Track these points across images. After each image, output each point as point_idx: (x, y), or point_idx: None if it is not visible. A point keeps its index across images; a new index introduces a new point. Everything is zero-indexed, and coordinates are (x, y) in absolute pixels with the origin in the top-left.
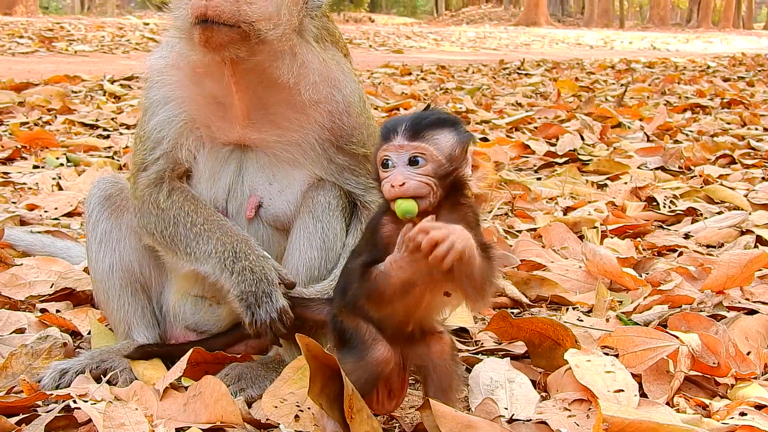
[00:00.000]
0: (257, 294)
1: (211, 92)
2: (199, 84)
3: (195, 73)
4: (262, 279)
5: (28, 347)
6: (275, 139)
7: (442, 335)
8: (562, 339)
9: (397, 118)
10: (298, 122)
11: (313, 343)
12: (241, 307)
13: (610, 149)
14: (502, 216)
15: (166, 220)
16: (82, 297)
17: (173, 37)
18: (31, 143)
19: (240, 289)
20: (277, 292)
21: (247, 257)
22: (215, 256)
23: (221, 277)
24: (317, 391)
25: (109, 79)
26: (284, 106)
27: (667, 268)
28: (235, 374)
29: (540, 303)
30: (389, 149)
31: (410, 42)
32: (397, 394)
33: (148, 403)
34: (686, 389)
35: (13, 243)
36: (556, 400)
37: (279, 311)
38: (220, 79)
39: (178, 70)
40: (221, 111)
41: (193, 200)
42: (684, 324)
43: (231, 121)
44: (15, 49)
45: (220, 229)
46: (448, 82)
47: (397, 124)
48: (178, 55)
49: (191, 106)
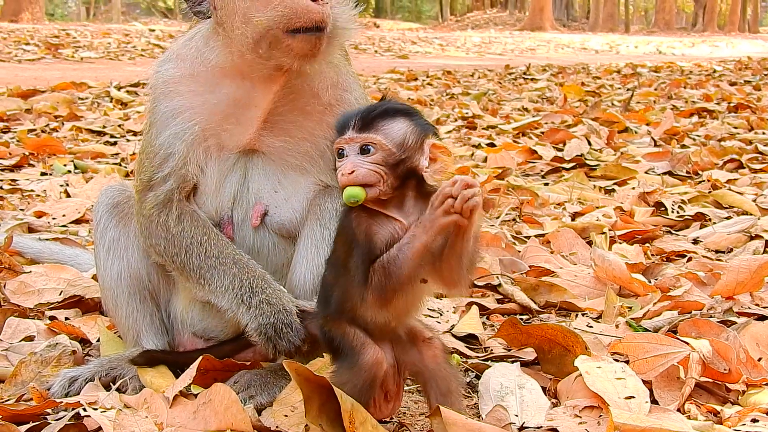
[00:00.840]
0: (276, 326)
1: (234, 95)
2: (218, 90)
3: (218, 78)
4: (281, 310)
5: (37, 355)
6: (285, 146)
7: (431, 340)
8: (572, 345)
9: (351, 111)
10: (310, 129)
11: (301, 367)
12: (261, 340)
13: (617, 154)
14: (510, 222)
15: (177, 246)
16: (90, 304)
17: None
18: (39, 150)
19: (258, 322)
20: (296, 321)
21: (264, 291)
22: (232, 292)
23: (238, 311)
24: (315, 413)
25: (116, 85)
26: (301, 113)
27: (676, 273)
28: (245, 382)
29: (549, 309)
30: (342, 141)
31: (415, 47)
32: (394, 397)
33: (158, 410)
34: (697, 396)
35: (22, 250)
36: (567, 407)
37: (301, 339)
38: (258, 83)
39: (191, 79)
40: (238, 115)
41: (204, 227)
42: (694, 330)
43: (246, 126)
44: (21, 56)
45: (236, 264)
46: (454, 87)
47: (350, 117)
48: (197, 62)
49: (203, 116)
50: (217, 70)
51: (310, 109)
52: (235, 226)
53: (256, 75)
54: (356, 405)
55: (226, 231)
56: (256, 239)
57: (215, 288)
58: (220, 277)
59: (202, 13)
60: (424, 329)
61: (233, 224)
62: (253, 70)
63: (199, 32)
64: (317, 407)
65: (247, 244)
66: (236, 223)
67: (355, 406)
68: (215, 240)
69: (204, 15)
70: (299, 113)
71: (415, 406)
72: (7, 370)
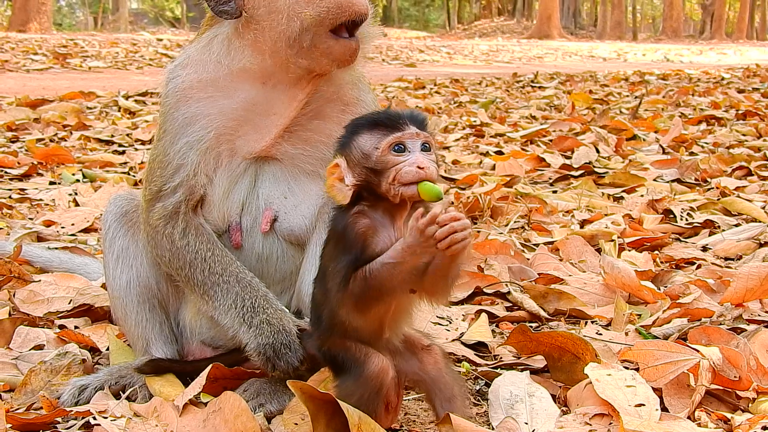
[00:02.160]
0: (275, 346)
1: (253, 100)
2: (236, 95)
3: (237, 82)
4: (280, 330)
5: (47, 364)
6: (300, 153)
7: (430, 347)
8: (581, 353)
9: (394, 111)
10: (328, 132)
11: (305, 385)
12: (260, 360)
13: (625, 162)
14: (519, 230)
15: (182, 259)
16: (100, 313)
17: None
18: (47, 159)
19: (257, 342)
20: (295, 342)
21: (265, 311)
22: (234, 310)
23: (239, 330)
24: (323, 427)
25: (124, 95)
26: (320, 117)
27: (685, 281)
28: (254, 390)
29: (558, 317)
30: (405, 136)
31: (423, 55)
32: (394, 409)
33: (168, 419)
34: (707, 403)
35: (31, 259)
36: (577, 415)
37: (299, 360)
38: (281, 87)
39: (209, 85)
40: (255, 121)
41: (209, 242)
42: (704, 337)
43: (263, 133)
44: (29, 65)
45: (239, 282)
46: (461, 95)
47: (402, 115)
48: (215, 67)
49: (219, 121)
50: (239, 74)
51: (329, 112)
52: (244, 233)
53: (283, 79)
54: (364, 417)
55: (235, 237)
56: (265, 246)
57: (218, 305)
58: (223, 295)
59: (227, 12)
60: (421, 337)
61: (242, 230)
62: (283, 72)
63: (217, 36)
64: (324, 423)
65: (256, 251)
66: (245, 230)
67: (363, 418)
68: (219, 256)
69: (229, 15)
70: (318, 118)
71: (425, 414)
72: (17, 379)
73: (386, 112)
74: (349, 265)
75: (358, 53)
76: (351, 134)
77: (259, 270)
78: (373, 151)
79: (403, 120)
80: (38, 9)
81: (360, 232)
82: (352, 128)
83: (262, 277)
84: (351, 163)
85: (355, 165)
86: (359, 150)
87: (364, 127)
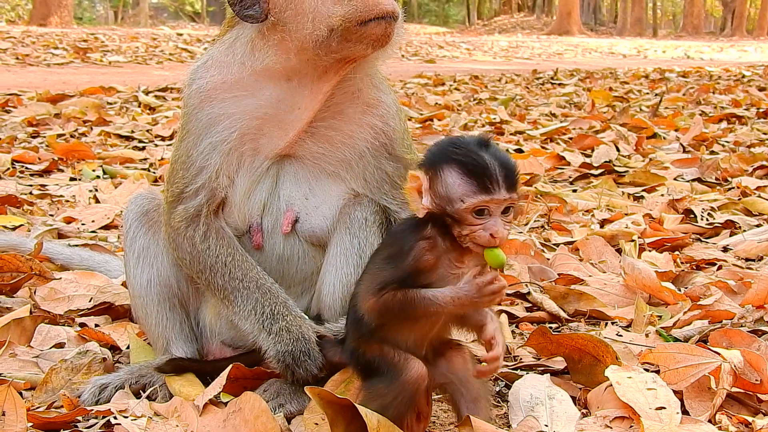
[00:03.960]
0: (294, 354)
1: (278, 97)
2: (260, 94)
3: (262, 81)
4: (299, 338)
5: (68, 362)
6: (322, 153)
7: (460, 347)
8: (602, 355)
9: (487, 164)
10: (350, 132)
11: (323, 391)
12: (279, 367)
13: (646, 160)
14: (538, 229)
15: (202, 263)
16: (120, 311)
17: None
18: (68, 155)
19: (276, 349)
20: (315, 349)
21: (284, 318)
22: (254, 317)
23: (258, 337)
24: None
25: (144, 90)
26: (340, 118)
27: (706, 282)
28: (274, 390)
29: (578, 317)
30: (492, 201)
31: (443, 51)
32: (425, 416)
33: (188, 419)
34: (728, 406)
35: (52, 256)
36: (597, 417)
37: (319, 367)
38: (307, 82)
39: (233, 85)
40: (279, 118)
41: (230, 247)
42: (725, 340)
43: (286, 129)
44: (50, 60)
45: (259, 288)
46: (481, 92)
47: (495, 174)
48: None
49: (243, 121)
50: (262, 73)
51: (351, 112)
52: (265, 234)
53: (309, 73)
54: (383, 420)
55: (255, 238)
56: (286, 247)
57: (238, 310)
58: (243, 301)
59: (252, 17)
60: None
61: (263, 231)
62: (310, 67)
63: (239, 38)
64: (343, 428)
65: (277, 252)
66: (266, 231)
67: (382, 422)
68: (240, 261)
69: (255, 19)
70: (341, 118)
71: (445, 416)
72: (37, 377)
73: (484, 164)
74: (394, 280)
75: (393, 32)
76: (441, 162)
77: (280, 271)
78: (458, 202)
79: (496, 182)
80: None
81: (421, 263)
82: (443, 156)
83: (282, 278)
84: (432, 189)
85: (435, 195)
86: (444, 189)
87: (456, 167)
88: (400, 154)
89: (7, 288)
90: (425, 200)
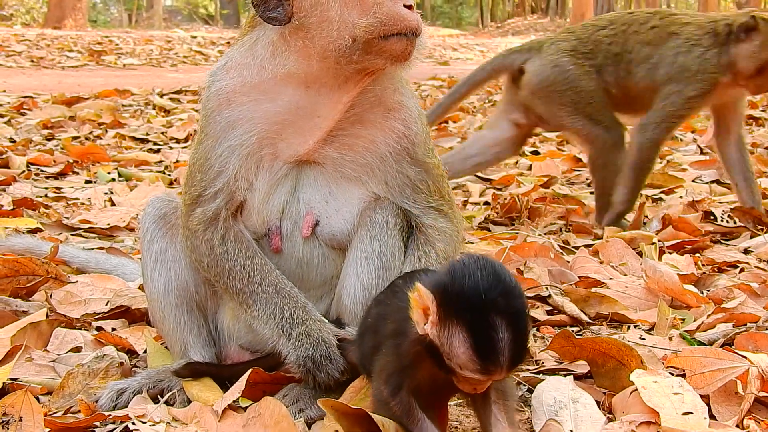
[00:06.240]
0: (315, 358)
1: (297, 104)
2: (279, 99)
3: (280, 86)
4: (320, 342)
5: (84, 366)
6: (343, 158)
7: None
8: (626, 359)
9: (497, 344)
10: (372, 137)
11: (337, 403)
12: (300, 372)
13: (663, 162)
14: (557, 231)
15: (220, 266)
16: (137, 315)
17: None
18: (83, 158)
19: (297, 354)
20: (336, 353)
21: (304, 322)
22: (273, 321)
23: (279, 342)
24: None
25: (159, 92)
26: (362, 123)
27: (729, 284)
28: (294, 395)
29: (600, 321)
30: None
31: (456, 54)
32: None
33: (207, 425)
34: (756, 411)
35: (68, 260)
36: (623, 422)
37: (340, 371)
38: (326, 91)
39: (252, 88)
40: (298, 124)
41: (248, 250)
42: (751, 343)
43: (306, 136)
44: (65, 62)
45: (278, 293)
46: (496, 94)
47: (503, 358)
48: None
49: (262, 125)
50: (282, 78)
51: (372, 117)
52: (284, 237)
53: (329, 82)
54: (400, 429)
55: (274, 242)
56: (306, 250)
57: (257, 315)
58: (262, 305)
59: (275, 19)
60: None
61: (281, 235)
62: (330, 76)
63: (259, 40)
64: None
65: (296, 256)
66: (285, 234)
67: (400, 430)
68: (258, 265)
69: (278, 21)
70: (361, 123)
71: (467, 420)
72: (54, 382)
73: (494, 344)
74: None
75: (414, 49)
76: (451, 312)
77: (299, 275)
78: (457, 361)
79: (500, 366)
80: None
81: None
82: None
83: (302, 282)
84: (437, 326)
85: (437, 333)
86: (447, 343)
87: (465, 333)
88: (422, 158)
89: (23, 291)
90: (428, 327)
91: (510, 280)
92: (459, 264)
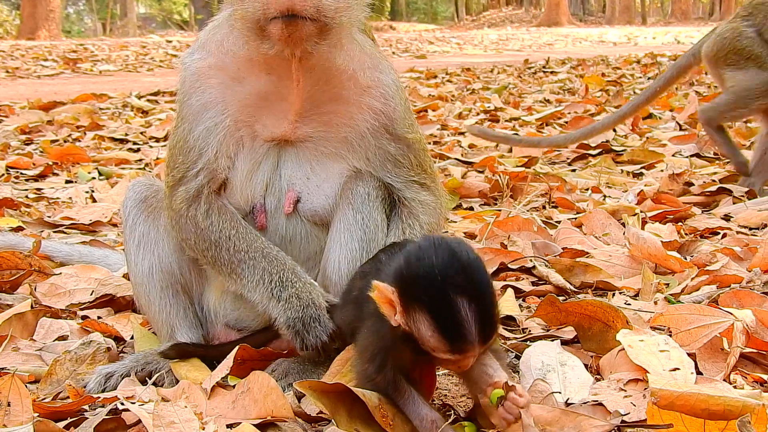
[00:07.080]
0: (305, 320)
1: (263, 89)
2: (247, 82)
3: (244, 70)
4: (309, 304)
5: (71, 353)
6: (321, 135)
7: None
8: (612, 321)
9: (462, 322)
10: (349, 114)
11: (314, 383)
12: (289, 334)
13: (643, 139)
14: (539, 208)
15: (207, 240)
16: (122, 303)
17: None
18: (63, 159)
19: (287, 315)
20: (324, 316)
21: (294, 285)
22: (262, 286)
23: (268, 305)
24: (345, 419)
25: (136, 95)
26: (337, 100)
27: (712, 249)
28: (282, 370)
29: (585, 289)
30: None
31: (433, 47)
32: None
33: (196, 401)
34: (742, 366)
35: (51, 254)
36: (611, 381)
37: (328, 334)
38: (282, 75)
39: (219, 71)
40: (270, 108)
41: (233, 221)
42: (735, 301)
43: (280, 118)
44: (40, 71)
45: (265, 257)
46: (474, 82)
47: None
48: (223, 52)
49: (235, 108)
50: (243, 61)
51: (347, 94)
52: (268, 214)
53: (272, 66)
54: (384, 399)
55: (259, 219)
56: (289, 227)
57: (246, 282)
58: (251, 272)
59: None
60: None
61: (266, 212)
62: (266, 61)
63: (222, 19)
64: (346, 414)
65: (280, 232)
66: (269, 211)
67: (383, 400)
68: (244, 234)
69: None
70: (336, 101)
71: (456, 388)
72: (42, 370)
73: (459, 322)
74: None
75: (302, 32)
76: (411, 301)
77: (284, 251)
78: (429, 345)
79: (471, 342)
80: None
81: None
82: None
83: None
84: (404, 317)
85: (406, 323)
86: (416, 331)
87: (428, 317)
88: (401, 133)
89: (6, 285)
90: (398, 319)
91: (467, 255)
92: (414, 248)
